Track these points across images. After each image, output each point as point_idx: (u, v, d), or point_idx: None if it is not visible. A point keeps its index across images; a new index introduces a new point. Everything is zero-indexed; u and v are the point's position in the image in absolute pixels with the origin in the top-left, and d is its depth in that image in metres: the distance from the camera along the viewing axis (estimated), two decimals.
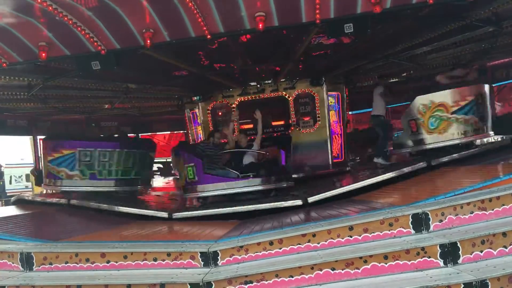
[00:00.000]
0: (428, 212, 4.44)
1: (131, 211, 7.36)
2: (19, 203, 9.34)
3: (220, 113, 11.67)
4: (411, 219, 4.45)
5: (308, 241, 4.52)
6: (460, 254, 3.91)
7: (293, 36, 8.17)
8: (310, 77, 11.10)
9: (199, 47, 8.35)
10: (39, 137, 13.55)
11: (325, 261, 4.07)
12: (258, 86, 11.29)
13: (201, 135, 11.82)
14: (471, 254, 3.92)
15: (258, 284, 4.05)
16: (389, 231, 4.47)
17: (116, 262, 4.57)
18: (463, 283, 3.49)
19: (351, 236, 4.50)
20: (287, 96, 11.28)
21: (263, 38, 7.64)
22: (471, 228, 4.22)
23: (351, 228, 4.51)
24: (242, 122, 11.14)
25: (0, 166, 17.05)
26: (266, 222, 5.77)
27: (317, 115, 11.18)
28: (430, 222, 4.43)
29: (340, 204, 6.14)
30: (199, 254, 4.51)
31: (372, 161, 9.21)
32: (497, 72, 13.16)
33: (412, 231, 4.44)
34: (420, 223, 4.43)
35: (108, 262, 4.57)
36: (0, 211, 8.76)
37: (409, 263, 3.99)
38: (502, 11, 7.71)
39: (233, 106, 11.31)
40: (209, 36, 6.31)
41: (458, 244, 3.92)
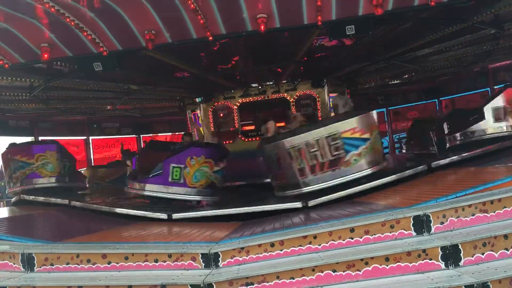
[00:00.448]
0: (429, 214, 4.42)
1: (130, 212, 7.35)
2: (20, 204, 9.35)
3: (221, 114, 11.68)
4: (412, 221, 4.44)
5: (309, 242, 4.50)
6: (462, 257, 3.89)
7: (294, 38, 8.18)
8: (312, 78, 11.12)
9: (200, 49, 8.37)
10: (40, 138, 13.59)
11: (326, 263, 4.06)
12: (260, 87, 11.30)
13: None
14: (472, 257, 3.90)
15: (259, 285, 4.04)
16: (390, 233, 4.45)
17: (117, 263, 4.56)
18: (465, 286, 3.48)
19: (352, 238, 4.48)
20: (288, 98, 11.29)
21: (265, 40, 7.64)
22: (473, 230, 4.20)
23: (352, 230, 4.50)
24: (243, 124, 11.15)
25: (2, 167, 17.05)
26: (267, 223, 5.76)
27: (318, 117, 11.18)
28: (432, 224, 4.41)
29: (341, 206, 6.12)
30: (200, 256, 4.50)
31: None
32: (498, 74, 13.18)
33: (414, 233, 4.42)
34: (421, 225, 4.42)
35: (109, 263, 4.56)
36: (1, 212, 8.78)
37: (410, 265, 3.98)
38: (503, 13, 7.72)
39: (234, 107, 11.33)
40: (211, 38, 6.32)
41: (460, 247, 3.90)
